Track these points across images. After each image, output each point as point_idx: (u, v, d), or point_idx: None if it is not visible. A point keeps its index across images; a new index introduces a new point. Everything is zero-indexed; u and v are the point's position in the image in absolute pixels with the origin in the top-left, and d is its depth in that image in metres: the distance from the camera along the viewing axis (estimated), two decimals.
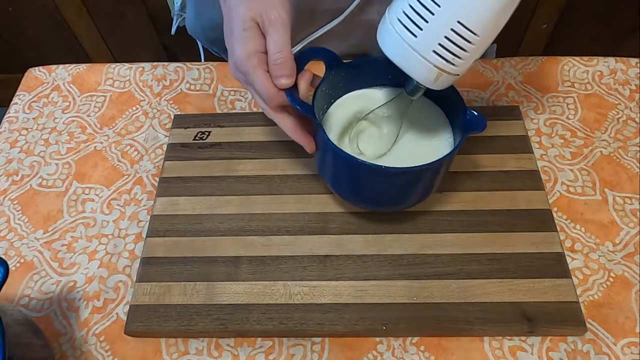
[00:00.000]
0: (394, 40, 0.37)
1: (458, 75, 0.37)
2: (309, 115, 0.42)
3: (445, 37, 0.34)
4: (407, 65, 0.37)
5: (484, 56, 0.74)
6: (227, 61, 0.45)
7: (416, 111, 0.47)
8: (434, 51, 0.35)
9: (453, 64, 0.36)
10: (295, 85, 0.41)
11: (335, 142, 0.44)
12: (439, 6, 0.33)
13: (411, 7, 0.35)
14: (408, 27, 0.35)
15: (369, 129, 0.47)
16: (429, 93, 0.47)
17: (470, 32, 0.34)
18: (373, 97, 0.48)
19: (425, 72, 0.37)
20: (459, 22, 0.33)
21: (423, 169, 0.41)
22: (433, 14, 0.34)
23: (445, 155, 0.41)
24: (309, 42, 0.62)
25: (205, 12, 0.65)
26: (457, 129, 0.44)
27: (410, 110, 0.45)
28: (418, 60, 0.36)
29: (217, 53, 0.74)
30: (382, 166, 0.41)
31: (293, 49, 0.40)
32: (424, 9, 0.34)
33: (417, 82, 0.39)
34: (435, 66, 0.36)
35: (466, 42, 0.34)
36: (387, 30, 0.37)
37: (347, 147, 0.46)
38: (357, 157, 0.41)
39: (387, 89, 0.49)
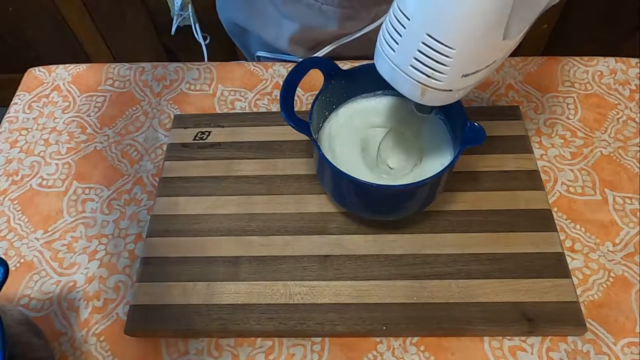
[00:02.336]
0: (380, 56, 0.36)
1: (451, 90, 0.35)
2: (305, 133, 0.42)
3: (419, 51, 0.33)
4: (393, 81, 0.36)
5: None
6: (228, 60, 0.43)
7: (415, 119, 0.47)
8: (412, 66, 0.34)
9: (435, 79, 0.34)
10: (291, 102, 0.40)
11: (355, 151, 0.46)
12: (409, 19, 0.32)
13: (389, 22, 0.34)
14: (388, 42, 0.34)
15: (395, 148, 0.47)
16: None
17: (443, 45, 0.31)
18: (376, 107, 0.49)
19: (409, 88, 0.35)
20: (428, 35, 0.31)
21: (419, 186, 0.41)
22: (405, 27, 0.32)
23: (442, 170, 0.41)
24: (343, 44, 0.60)
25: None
26: (457, 138, 0.44)
27: (412, 119, 0.45)
28: (401, 75, 0.35)
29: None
30: (373, 184, 0.41)
31: (321, 52, 0.38)
32: (398, 23, 0.33)
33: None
34: (417, 81, 0.34)
35: (442, 56, 0.32)
36: (377, 47, 0.36)
37: (372, 159, 0.47)
38: (376, 177, 0.43)
39: (389, 96, 0.49)
